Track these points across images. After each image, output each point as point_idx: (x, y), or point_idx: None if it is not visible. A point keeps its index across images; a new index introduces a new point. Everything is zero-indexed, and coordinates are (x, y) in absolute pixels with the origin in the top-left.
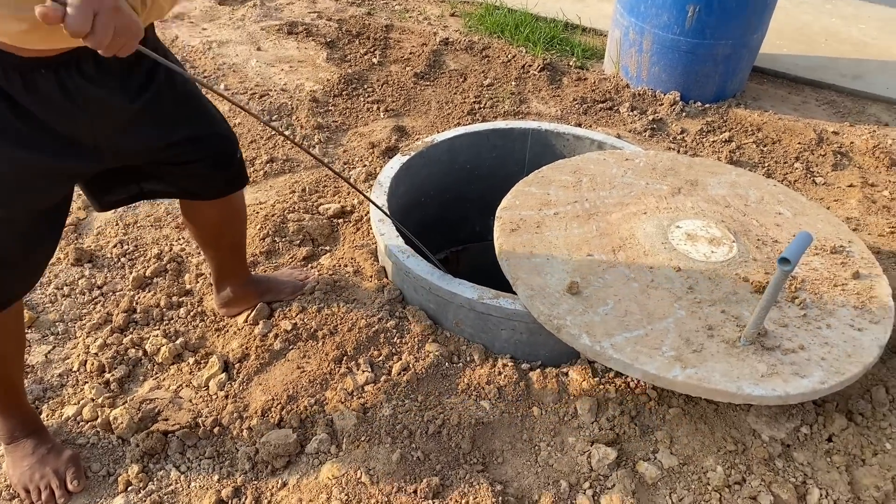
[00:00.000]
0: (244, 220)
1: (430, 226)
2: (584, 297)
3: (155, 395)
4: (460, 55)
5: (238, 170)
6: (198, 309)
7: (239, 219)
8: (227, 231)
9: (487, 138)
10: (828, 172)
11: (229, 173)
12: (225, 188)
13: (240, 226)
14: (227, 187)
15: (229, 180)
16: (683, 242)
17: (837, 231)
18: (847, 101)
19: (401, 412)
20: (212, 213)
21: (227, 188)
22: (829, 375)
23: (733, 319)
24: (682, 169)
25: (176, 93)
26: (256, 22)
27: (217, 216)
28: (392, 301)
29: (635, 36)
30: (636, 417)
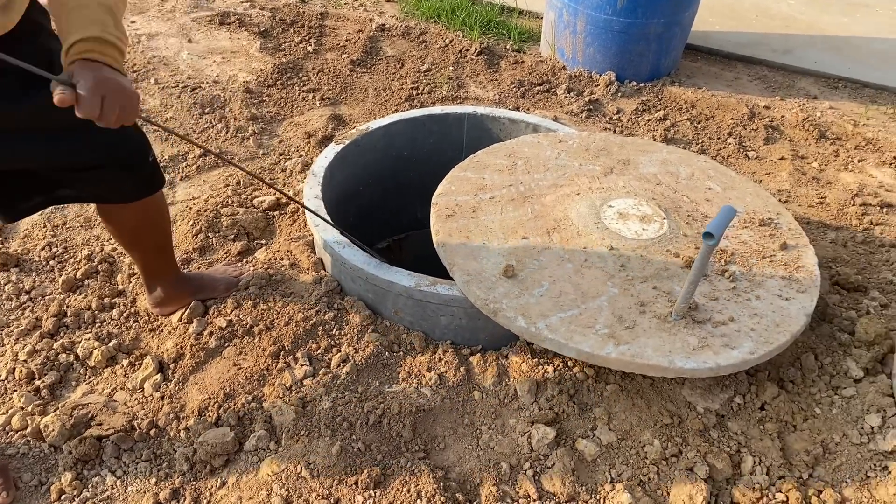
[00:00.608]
0: (166, 219)
1: (371, 214)
2: (519, 279)
3: (88, 400)
4: (397, 41)
5: (151, 172)
6: (131, 310)
7: (159, 219)
8: (147, 233)
9: (424, 124)
10: (760, 146)
11: (141, 177)
12: (138, 192)
13: (161, 226)
14: (140, 191)
15: (142, 184)
16: (616, 221)
17: (766, 204)
18: (778, 75)
19: (340, 404)
20: (129, 215)
21: (140, 192)
22: (758, 346)
23: (665, 295)
24: (615, 149)
25: None
26: (187, 13)
27: (135, 219)
28: (330, 293)
29: (569, 17)
30: (574, 396)
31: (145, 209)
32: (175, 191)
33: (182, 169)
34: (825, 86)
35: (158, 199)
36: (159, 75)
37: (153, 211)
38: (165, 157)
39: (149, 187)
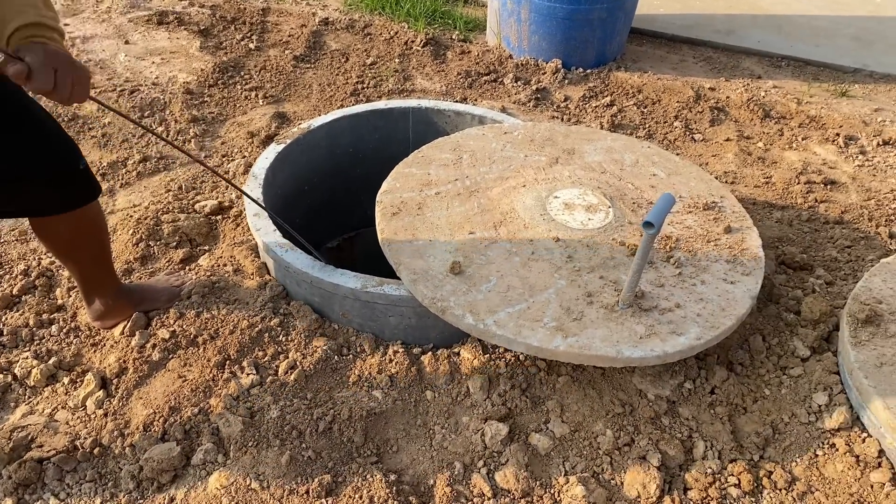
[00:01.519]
0: (103, 229)
1: (319, 213)
2: (467, 276)
3: (27, 422)
4: (341, 34)
5: (83, 181)
6: (71, 325)
7: (95, 230)
8: (84, 244)
9: (368, 120)
10: (706, 128)
11: (72, 187)
12: (70, 202)
13: (98, 237)
14: (72, 201)
15: (73, 194)
16: (562, 212)
17: (710, 188)
18: (722, 56)
19: (289, 412)
20: (62, 227)
21: (72, 202)
22: (704, 331)
23: (612, 284)
24: (560, 138)
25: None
26: (123, 13)
27: (69, 231)
28: (275, 298)
29: (513, 6)
30: (527, 390)
31: (79, 220)
32: (115, 199)
33: (122, 176)
34: (769, 65)
35: (93, 209)
36: (96, 79)
37: (88, 221)
38: (104, 164)
39: (82, 197)
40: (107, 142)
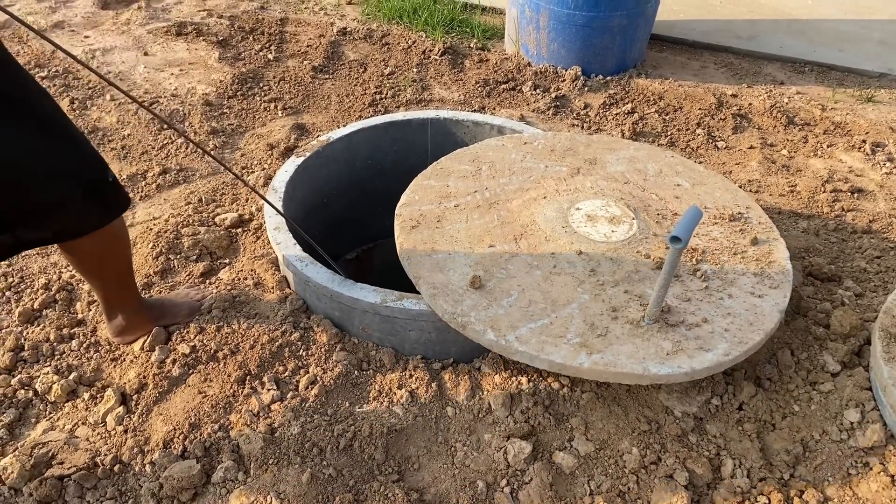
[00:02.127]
0: (127, 244)
1: (338, 225)
2: (487, 290)
3: (48, 438)
4: (359, 44)
5: (113, 194)
6: (91, 339)
7: (121, 245)
8: (109, 260)
9: (386, 131)
10: (729, 136)
11: (104, 200)
12: (103, 217)
13: (123, 252)
14: (104, 216)
15: (106, 207)
16: (584, 224)
17: (735, 198)
18: (744, 62)
19: (310, 429)
20: (91, 244)
21: (105, 217)
22: (732, 346)
23: (637, 299)
24: (581, 148)
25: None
26: (142, 25)
27: (96, 247)
28: (295, 312)
29: (531, 13)
30: (550, 406)
31: (106, 237)
32: (135, 211)
33: (142, 188)
34: (791, 71)
35: (119, 225)
36: (115, 92)
37: (115, 238)
38: (124, 176)
39: (113, 210)
40: (126, 154)
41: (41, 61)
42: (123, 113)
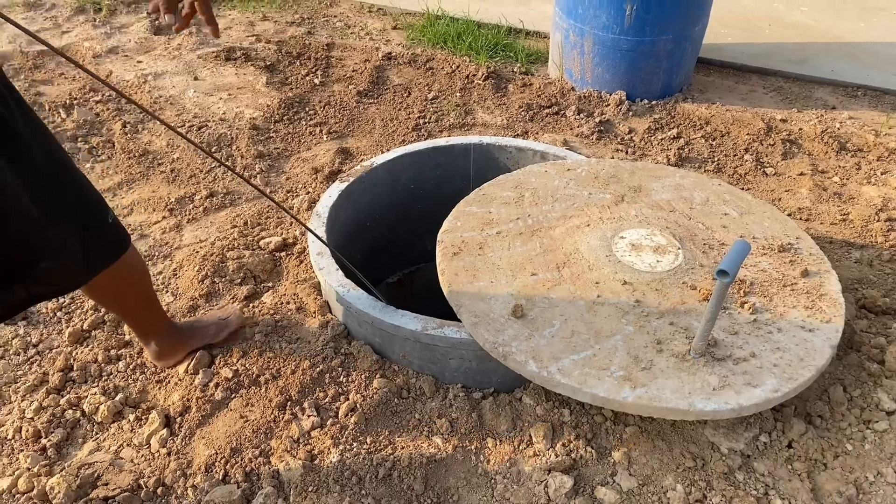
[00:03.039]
0: (142, 274)
1: (379, 249)
2: (529, 319)
3: (94, 459)
4: (404, 69)
5: (114, 234)
6: (137, 361)
7: (135, 276)
8: (126, 292)
9: (429, 157)
10: (778, 162)
11: (107, 242)
12: (104, 260)
13: (139, 282)
14: (105, 259)
15: (106, 250)
16: (628, 253)
17: (784, 228)
18: (794, 86)
19: (349, 457)
20: (103, 280)
21: (106, 259)
22: (782, 383)
23: (682, 331)
24: (625, 175)
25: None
26: (193, 50)
27: (112, 282)
28: (336, 337)
29: (576, 38)
30: (592, 440)
31: (117, 272)
32: (182, 234)
33: (189, 211)
34: (843, 95)
35: (129, 258)
36: (165, 115)
37: (128, 269)
38: (172, 199)
39: (116, 250)
40: (175, 177)
41: (95, 86)
42: (173, 137)
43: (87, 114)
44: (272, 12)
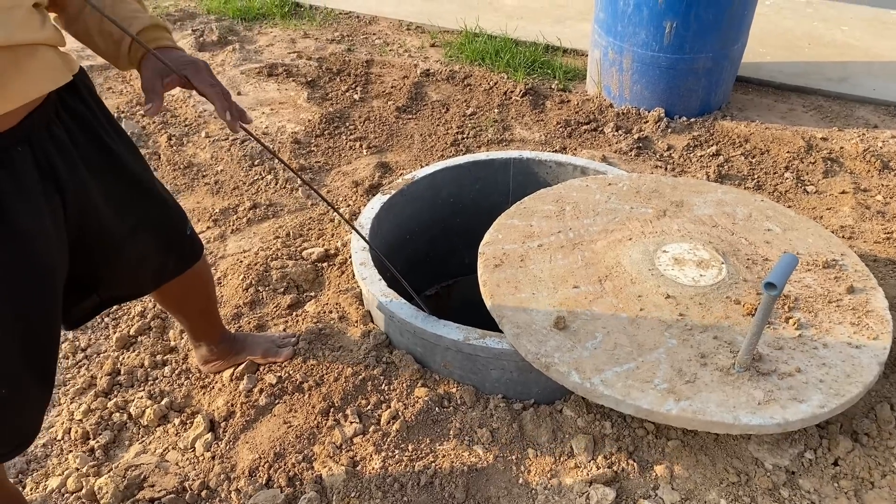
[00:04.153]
0: (209, 282)
1: (418, 262)
2: (571, 331)
3: (140, 461)
4: (442, 85)
5: (191, 246)
6: (182, 367)
7: (202, 285)
8: (191, 299)
9: (469, 171)
10: (819, 180)
11: (182, 253)
12: (178, 268)
13: (204, 290)
14: (180, 266)
15: (182, 260)
16: (671, 267)
17: (829, 244)
18: (834, 105)
19: (391, 464)
20: (172, 287)
21: (180, 267)
22: (828, 398)
23: (726, 345)
24: (667, 190)
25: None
26: (236, 66)
27: (178, 289)
28: (378, 346)
29: (615, 55)
30: (634, 452)
31: (186, 278)
32: (226, 244)
33: (232, 222)
34: (885, 114)
35: (200, 266)
36: (210, 129)
37: (197, 278)
38: (216, 210)
39: (190, 260)
40: (219, 189)
41: (141, 99)
42: (217, 150)
43: (133, 126)
44: (313, 30)
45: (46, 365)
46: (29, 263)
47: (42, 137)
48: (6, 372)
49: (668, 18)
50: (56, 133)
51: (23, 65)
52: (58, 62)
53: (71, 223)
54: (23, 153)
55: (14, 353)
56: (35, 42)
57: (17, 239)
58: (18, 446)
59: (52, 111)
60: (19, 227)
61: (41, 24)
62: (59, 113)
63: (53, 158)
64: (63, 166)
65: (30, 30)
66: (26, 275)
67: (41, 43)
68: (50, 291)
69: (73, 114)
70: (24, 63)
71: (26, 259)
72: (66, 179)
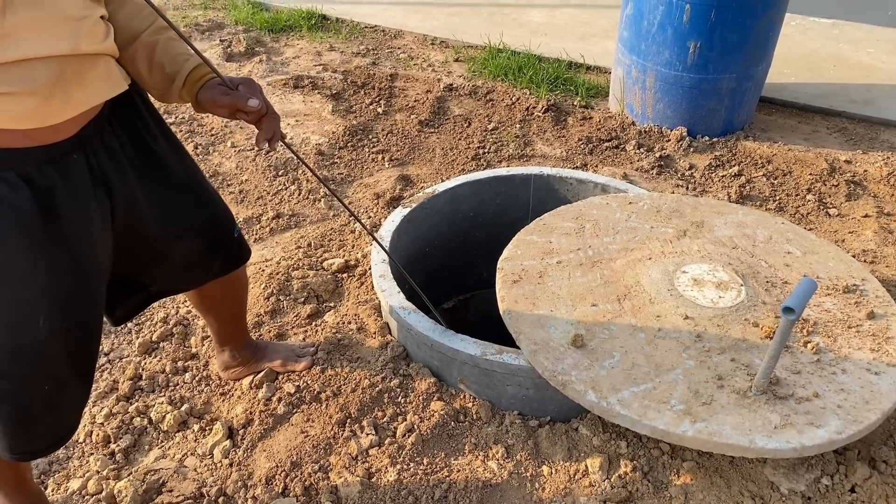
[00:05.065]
0: (245, 289)
1: (436, 275)
2: (589, 350)
3: (160, 465)
4: (464, 100)
5: (237, 248)
6: (203, 373)
7: (239, 290)
8: (227, 302)
9: (489, 186)
10: (841, 203)
11: (229, 254)
12: (224, 268)
13: (240, 296)
14: (227, 266)
15: (228, 261)
16: (690, 288)
17: (849, 269)
18: (859, 127)
19: (406, 477)
20: (212, 288)
21: (227, 267)
22: (846, 424)
23: (744, 368)
24: (688, 210)
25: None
26: (263, 77)
27: (218, 290)
28: (396, 358)
29: (638, 74)
30: (649, 473)
31: (226, 282)
32: None
33: (255, 231)
34: None
35: (240, 272)
36: (235, 139)
37: (237, 283)
38: (240, 219)
39: (236, 262)
40: (243, 198)
41: (169, 108)
42: (242, 159)
43: None
44: (338, 43)
45: (87, 364)
46: (78, 266)
47: (96, 145)
48: (50, 370)
49: (693, 39)
50: (108, 141)
51: (86, 74)
52: (116, 72)
53: (118, 227)
54: (78, 160)
55: (59, 352)
56: (98, 52)
57: (68, 242)
58: (57, 442)
59: (105, 119)
60: (72, 232)
61: (105, 36)
62: (110, 121)
63: (105, 165)
64: (114, 173)
65: (95, 40)
66: (75, 277)
67: (103, 53)
68: (95, 293)
69: (122, 121)
70: (87, 72)
71: (76, 262)
72: (117, 186)
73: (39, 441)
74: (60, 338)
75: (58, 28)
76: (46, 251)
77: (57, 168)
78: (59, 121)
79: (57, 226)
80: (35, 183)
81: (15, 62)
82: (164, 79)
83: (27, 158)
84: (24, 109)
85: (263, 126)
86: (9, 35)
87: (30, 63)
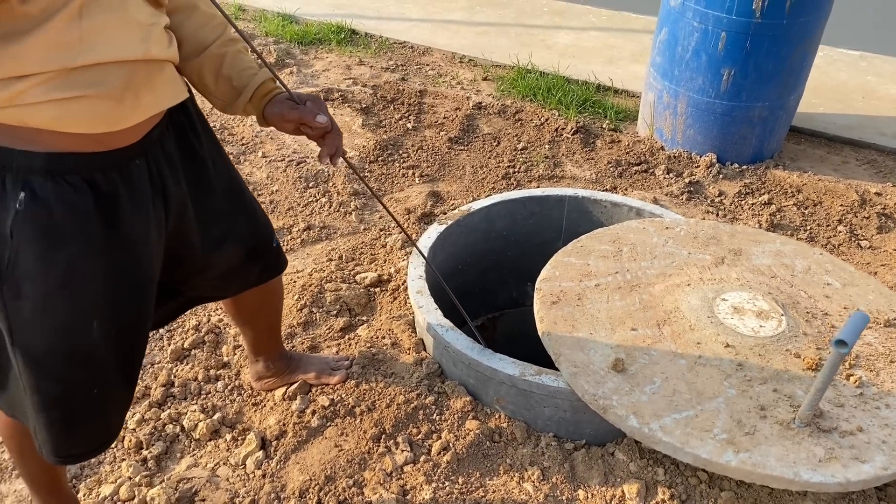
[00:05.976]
0: (281, 299)
1: (468, 292)
2: (629, 374)
3: (192, 474)
4: (493, 119)
5: (275, 258)
6: (235, 383)
7: (276, 299)
8: (263, 312)
9: (524, 205)
10: (873, 235)
11: (266, 264)
12: (262, 277)
13: (276, 305)
14: (263, 276)
15: (266, 270)
16: (730, 316)
17: (890, 302)
18: (889, 160)
19: (441, 495)
20: (248, 297)
21: (263, 277)
22: (891, 461)
23: (786, 399)
24: (725, 238)
25: (225, 181)
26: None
27: (254, 300)
28: (431, 375)
29: (669, 99)
30: (686, 501)
31: (263, 292)
32: None
33: (286, 242)
34: None
35: (278, 280)
36: (266, 149)
37: (271, 293)
38: None
39: (272, 272)
40: (274, 208)
41: None
42: (273, 170)
43: None
44: (368, 57)
45: (134, 369)
46: (133, 271)
47: (156, 151)
48: (100, 374)
49: (727, 66)
50: (167, 147)
51: (155, 79)
52: (178, 79)
53: (169, 234)
54: (140, 166)
55: (109, 357)
56: (164, 59)
57: (127, 248)
58: (100, 446)
59: (165, 126)
60: (131, 238)
61: (170, 43)
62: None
63: (164, 171)
64: (170, 179)
65: (162, 47)
66: (130, 283)
67: (168, 60)
68: (147, 299)
69: (176, 127)
70: (155, 77)
71: (132, 268)
72: (172, 192)
73: (84, 444)
74: (112, 343)
75: (131, 33)
76: (106, 257)
77: (120, 173)
78: (128, 125)
79: (117, 231)
80: (99, 188)
81: (90, 66)
82: (231, 91)
83: (93, 163)
84: (96, 113)
85: (327, 142)
86: (85, 39)
87: (103, 67)
